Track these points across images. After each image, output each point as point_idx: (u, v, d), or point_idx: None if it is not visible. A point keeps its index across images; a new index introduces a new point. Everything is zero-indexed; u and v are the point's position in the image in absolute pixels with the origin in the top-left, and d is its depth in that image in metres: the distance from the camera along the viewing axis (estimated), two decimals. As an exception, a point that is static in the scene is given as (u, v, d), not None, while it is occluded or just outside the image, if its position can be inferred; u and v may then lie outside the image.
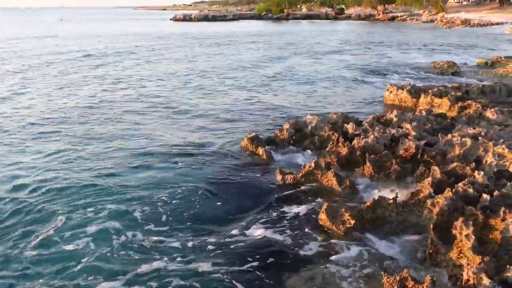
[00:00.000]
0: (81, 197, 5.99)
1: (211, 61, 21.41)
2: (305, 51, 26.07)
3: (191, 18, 79.07)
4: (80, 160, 7.49)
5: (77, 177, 6.68)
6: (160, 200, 5.86)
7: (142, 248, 4.69)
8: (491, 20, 49.29)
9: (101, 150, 8.00)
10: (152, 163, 7.30)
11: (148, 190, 6.17)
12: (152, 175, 6.76)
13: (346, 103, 11.70)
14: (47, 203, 5.82)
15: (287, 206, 5.60)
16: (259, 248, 4.59)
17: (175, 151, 7.96)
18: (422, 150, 6.32)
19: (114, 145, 8.31)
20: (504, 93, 10.33)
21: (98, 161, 7.42)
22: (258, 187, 6.32)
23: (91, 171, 6.99)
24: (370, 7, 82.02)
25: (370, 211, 4.63)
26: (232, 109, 11.22)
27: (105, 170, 7.03)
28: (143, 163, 7.31)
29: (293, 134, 7.68)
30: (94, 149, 8.13)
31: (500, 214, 4.23)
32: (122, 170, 7.02)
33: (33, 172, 6.97)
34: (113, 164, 7.31)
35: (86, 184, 6.45)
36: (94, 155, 7.74)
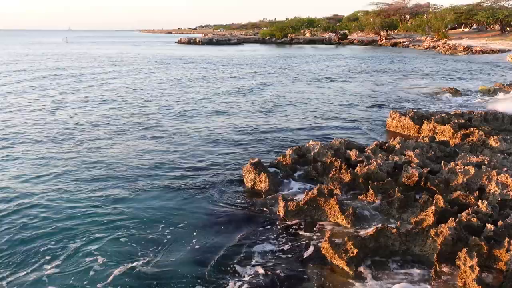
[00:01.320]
0: (74, 225, 5.96)
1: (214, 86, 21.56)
2: (308, 76, 26.28)
3: (195, 42, 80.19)
4: (76, 185, 7.50)
5: (70, 205, 6.64)
6: (158, 230, 5.83)
7: (138, 280, 4.64)
8: (493, 47, 49.74)
9: (99, 175, 8.02)
10: (151, 190, 7.31)
11: (144, 219, 6.13)
12: (150, 203, 6.74)
13: (349, 129, 11.74)
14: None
15: (289, 234, 5.57)
16: (261, 278, 4.55)
17: (176, 176, 7.98)
18: (425, 178, 6.31)
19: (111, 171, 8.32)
20: (507, 120, 10.36)
21: (94, 187, 7.42)
22: (260, 214, 6.30)
23: (86, 200, 6.97)
24: (373, 32, 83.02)
25: (373, 240, 4.60)
26: (234, 134, 11.26)
27: (102, 197, 7.02)
28: (142, 190, 7.30)
29: (296, 160, 7.69)
30: (94, 174, 8.15)
31: (504, 245, 4.20)
32: (120, 197, 7.02)
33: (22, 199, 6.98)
34: (110, 190, 7.33)
35: (79, 212, 6.44)
36: (91, 181, 7.76)
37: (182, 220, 6.14)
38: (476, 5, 79.00)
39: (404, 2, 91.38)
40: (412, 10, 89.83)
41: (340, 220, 5.54)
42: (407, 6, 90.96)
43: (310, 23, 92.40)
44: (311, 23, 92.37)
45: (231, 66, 32.66)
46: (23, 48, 58.84)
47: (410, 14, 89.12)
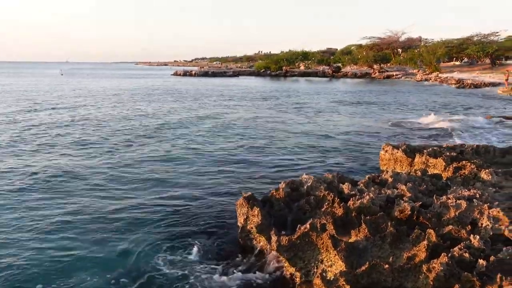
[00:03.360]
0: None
1: (208, 117, 21.71)
2: (301, 109, 26.55)
3: (191, 74, 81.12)
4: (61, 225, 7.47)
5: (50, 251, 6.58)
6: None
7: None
8: (484, 80, 50.56)
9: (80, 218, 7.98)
10: (132, 228, 7.27)
11: (122, 265, 6.09)
12: (133, 246, 6.69)
13: (342, 163, 11.80)
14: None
15: (281, 269, 5.54)
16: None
17: (164, 211, 7.96)
18: (418, 212, 6.30)
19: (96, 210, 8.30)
20: (498, 153, 10.43)
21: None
22: (253, 248, 6.28)
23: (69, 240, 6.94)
24: (366, 65, 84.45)
25: (365, 276, 4.56)
26: (225, 166, 11.28)
27: (79, 238, 6.98)
28: (122, 229, 7.26)
29: (289, 193, 7.67)
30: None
31: (497, 281, 4.18)
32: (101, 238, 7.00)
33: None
34: (92, 228, 7.30)
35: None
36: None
37: (171, 257, 6.10)
38: (466, 39, 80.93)
39: (396, 36, 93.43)
40: (404, 44, 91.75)
41: (332, 255, 5.51)
42: (399, 40, 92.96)
43: (305, 56, 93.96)
44: (305, 56, 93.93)
45: (222, 99, 32.95)
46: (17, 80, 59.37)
47: (403, 47, 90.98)
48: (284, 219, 7.25)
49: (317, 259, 5.74)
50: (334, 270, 5.25)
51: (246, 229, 7.00)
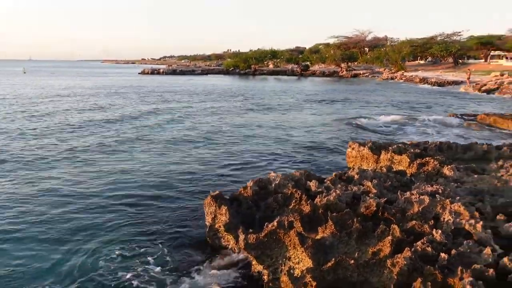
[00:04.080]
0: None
1: (175, 116, 21.50)
2: (269, 107, 26.63)
3: (159, 72, 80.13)
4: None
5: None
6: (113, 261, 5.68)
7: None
8: (447, 78, 51.99)
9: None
10: (93, 231, 7.14)
11: (82, 270, 5.97)
12: (93, 250, 6.56)
13: (310, 160, 11.90)
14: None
15: (248, 267, 5.55)
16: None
17: (129, 212, 7.84)
18: (383, 208, 6.41)
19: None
20: (460, 150, 10.73)
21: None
22: (220, 247, 6.26)
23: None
24: (334, 64, 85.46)
25: (331, 272, 4.61)
26: (192, 166, 11.18)
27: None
28: (82, 231, 7.12)
29: (257, 192, 7.68)
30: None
31: (458, 273, 4.29)
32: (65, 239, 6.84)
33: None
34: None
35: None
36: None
37: (139, 256, 6.01)
38: (430, 39, 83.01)
39: (363, 36, 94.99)
40: (371, 43, 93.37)
41: (299, 252, 5.54)
42: (366, 39, 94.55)
43: (273, 54, 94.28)
44: (274, 54, 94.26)
45: (189, 98, 32.71)
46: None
47: (369, 46, 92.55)
48: (252, 217, 7.25)
49: (285, 256, 5.77)
50: (301, 267, 5.29)
51: (214, 228, 6.97)
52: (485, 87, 39.36)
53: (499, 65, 66.61)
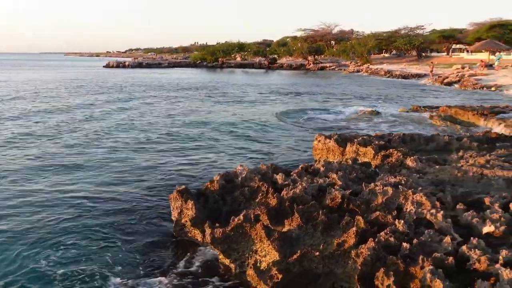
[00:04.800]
0: None
1: (137, 110, 21.17)
2: (236, 100, 26.59)
3: (124, 65, 78.62)
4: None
5: None
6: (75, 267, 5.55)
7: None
8: (411, 71, 53.13)
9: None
10: (51, 228, 6.95)
11: (60, 259, 5.84)
12: (68, 240, 6.42)
13: (276, 154, 11.94)
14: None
15: (216, 261, 5.53)
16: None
17: (92, 208, 7.68)
18: (348, 200, 6.50)
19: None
20: (422, 141, 10.99)
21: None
22: (187, 242, 6.22)
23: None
24: (301, 57, 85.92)
25: (297, 264, 4.65)
26: (157, 162, 11.03)
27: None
28: (37, 229, 6.93)
29: (224, 186, 7.65)
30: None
31: (419, 262, 4.40)
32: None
33: None
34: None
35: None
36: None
37: (102, 257, 5.90)
38: (394, 32, 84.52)
39: (329, 29, 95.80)
40: (337, 36, 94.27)
41: (266, 245, 5.56)
42: (332, 32, 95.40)
43: (241, 47, 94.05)
44: (241, 47, 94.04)
45: (154, 91, 32.25)
46: None
47: (335, 40, 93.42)
48: (219, 212, 7.23)
49: (251, 249, 5.78)
50: (268, 260, 5.31)
51: (180, 223, 6.92)
52: (447, 79, 40.46)
53: (460, 58, 68.57)
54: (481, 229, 5.18)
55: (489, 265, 4.25)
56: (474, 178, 7.44)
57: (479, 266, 4.31)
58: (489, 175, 7.30)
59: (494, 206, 5.77)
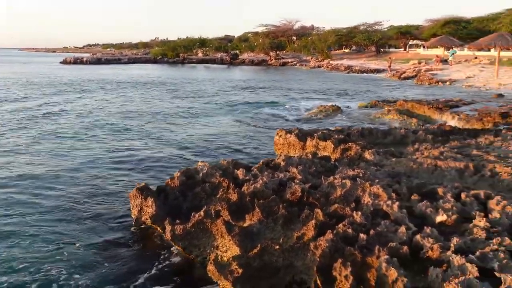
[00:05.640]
0: None
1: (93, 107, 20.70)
2: (196, 96, 26.41)
3: (82, 61, 76.52)
4: None
5: None
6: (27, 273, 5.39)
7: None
8: (370, 67, 54.26)
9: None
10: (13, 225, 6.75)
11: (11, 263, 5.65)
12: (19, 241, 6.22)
13: (237, 149, 11.95)
14: None
15: (177, 258, 5.50)
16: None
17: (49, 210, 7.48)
18: (308, 193, 6.59)
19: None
20: (380, 135, 11.25)
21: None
22: (148, 240, 6.15)
23: None
24: (262, 53, 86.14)
25: (257, 258, 4.68)
26: (116, 159, 10.81)
27: None
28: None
29: (185, 182, 7.60)
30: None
31: (375, 252, 4.52)
32: None
33: None
34: None
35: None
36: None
37: (56, 259, 5.75)
38: (354, 28, 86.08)
39: (290, 24, 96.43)
40: (298, 32, 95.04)
41: (227, 240, 5.58)
42: (293, 28, 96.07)
43: (202, 43, 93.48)
44: (203, 43, 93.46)
45: (112, 87, 31.59)
46: None
47: (297, 35, 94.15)
48: (180, 208, 7.18)
49: (213, 245, 5.78)
50: (229, 255, 5.32)
51: (140, 220, 6.84)
52: (404, 74, 41.55)
53: (417, 53, 70.52)
54: (434, 219, 5.36)
55: (441, 253, 4.41)
56: (429, 169, 7.70)
57: (432, 254, 4.47)
58: (442, 167, 7.56)
59: (446, 196, 5.98)
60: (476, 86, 30.31)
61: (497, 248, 4.42)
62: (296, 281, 4.81)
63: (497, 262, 4.14)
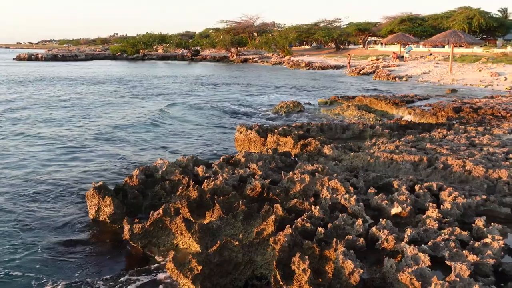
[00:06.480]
0: None
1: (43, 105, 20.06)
2: (154, 92, 26.02)
3: (37, 58, 73.93)
4: None
5: None
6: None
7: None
8: (330, 63, 55.06)
9: None
10: None
11: None
12: None
13: (197, 146, 11.89)
14: None
15: (136, 258, 5.42)
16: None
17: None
18: (268, 189, 6.64)
19: None
20: (339, 130, 11.47)
21: None
22: (105, 240, 6.03)
23: None
24: (224, 49, 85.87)
25: (217, 255, 4.68)
26: (70, 159, 10.52)
27: None
28: None
29: (144, 180, 7.50)
30: None
31: (333, 245, 4.60)
32: None
33: None
34: None
35: None
36: None
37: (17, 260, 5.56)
38: (314, 25, 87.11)
39: (251, 21, 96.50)
40: (259, 28, 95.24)
41: (187, 238, 5.55)
42: (254, 24, 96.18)
43: (162, 39, 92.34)
44: (163, 39, 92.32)
45: (67, 84, 30.69)
46: None
47: (258, 32, 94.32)
48: (139, 207, 7.10)
49: (172, 243, 5.74)
50: (189, 253, 5.29)
51: (98, 220, 6.70)
52: (363, 70, 42.43)
53: (375, 50, 72.17)
54: (389, 211, 5.51)
55: (395, 244, 4.54)
56: (385, 163, 7.90)
57: (387, 245, 4.59)
58: (398, 160, 7.78)
59: (401, 189, 6.17)
60: (431, 82, 31.30)
61: (448, 237, 4.60)
62: (256, 276, 4.84)
63: (447, 251, 4.30)
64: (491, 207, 5.61)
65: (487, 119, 12.55)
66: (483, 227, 4.86)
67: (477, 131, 10.42)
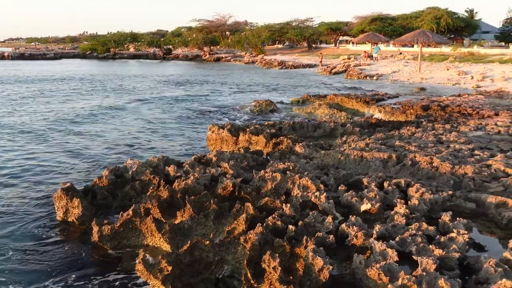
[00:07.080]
0: None
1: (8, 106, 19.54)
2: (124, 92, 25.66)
3: (3, 56, 71.87)
4: None
5: None
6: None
7: None
8: (302, 62, 55.40)
9: None
10: None
11: None
12: None
13: (169, 146, 11.78)
14: None
15: (105, 261, 5.33)
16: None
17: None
18: (239, 187, 6.64)
19: None
20: (311, 128, 11.55)
21: None
22: (73, 243, 5.90)
23: None
24: (196, 48, 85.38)
25: (188, 255, 4.64)
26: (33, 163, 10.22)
27: None
28: None
29: (114, 181, 7.39)
30: None
31: (303, 243, 4.63)
32: None
33: None
34: None
35: None
36: None
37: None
38: (286, 24, 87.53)
39: (224, 20, 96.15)
40: (232, 27, 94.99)
41: (157, 238, 5.49)
42: (227, 23, 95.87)
43: (134, 37, 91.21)
44: (134, 37, 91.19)
45: (34, 85, 29.88)
46: None
47: (230, 31, 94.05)
48: (109, 208, 6.99)
49: (143, 244, 5.67)
50: (159, 253, 5.23)
51: (66, 222, 6.56)
52: (335, 69, 42.82)
53: (347, 49, 73.02)
54: (359, 207, 5.59)
55: (364, 240, 4.61)
56: (355, 160, 8.01)
57: (357, 241, 4.66)
58: (368, 157, 7.89)
59: (371, 186, 6.26)
60: (401, 81, 31.86)
61: (415, 233, 4.69)
62: (227, 275, 4.83)
63: (414, 246, 4.39)
64: (457, 203, 5.75)
65: (454, 117, 12.87)
66: (449, 222, 4.98)
67: (445, 129, 10.67)
